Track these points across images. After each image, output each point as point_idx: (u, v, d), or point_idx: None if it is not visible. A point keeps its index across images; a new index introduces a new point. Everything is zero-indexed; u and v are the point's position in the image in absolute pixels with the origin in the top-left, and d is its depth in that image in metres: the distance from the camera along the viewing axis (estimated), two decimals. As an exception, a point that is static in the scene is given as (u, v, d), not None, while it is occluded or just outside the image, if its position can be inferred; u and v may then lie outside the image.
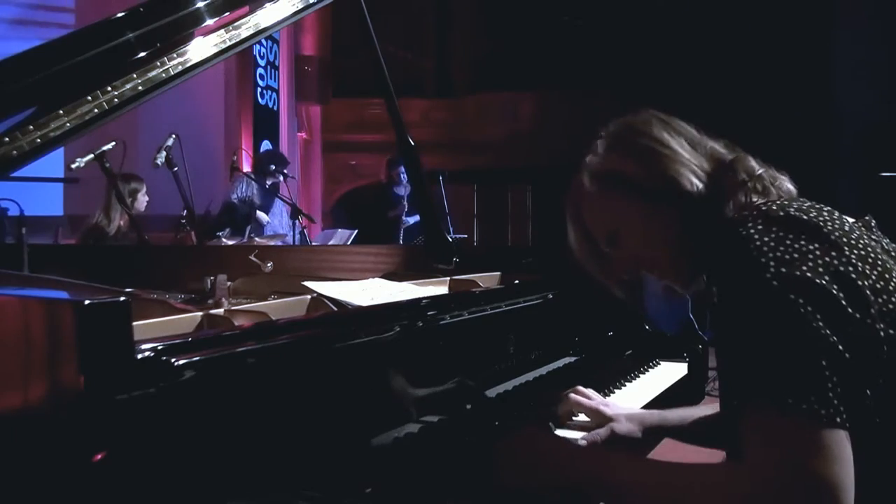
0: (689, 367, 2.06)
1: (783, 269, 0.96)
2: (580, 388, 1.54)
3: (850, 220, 1.12)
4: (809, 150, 8.23)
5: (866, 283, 0.98)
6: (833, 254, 0.99)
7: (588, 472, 1.11)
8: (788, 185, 1.17)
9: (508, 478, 1.15)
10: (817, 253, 0.98)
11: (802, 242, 0.99)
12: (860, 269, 0.99)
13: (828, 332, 0.92)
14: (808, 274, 0.96)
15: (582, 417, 1.51)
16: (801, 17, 9.20)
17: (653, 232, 1.16)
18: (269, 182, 5.47)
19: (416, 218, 6.60)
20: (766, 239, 1.00)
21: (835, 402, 0.90)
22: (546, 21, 10.49)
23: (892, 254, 1.09)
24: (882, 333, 0.97)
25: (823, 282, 0.95)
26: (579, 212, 1.24)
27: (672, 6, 9.68)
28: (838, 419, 0.89)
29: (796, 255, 0.97)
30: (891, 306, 0.99)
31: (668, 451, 1.73)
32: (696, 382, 2.08)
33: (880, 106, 8.41)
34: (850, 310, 0.95)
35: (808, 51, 9.23)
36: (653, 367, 2.04)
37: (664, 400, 1.79)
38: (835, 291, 0.95)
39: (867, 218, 1.15)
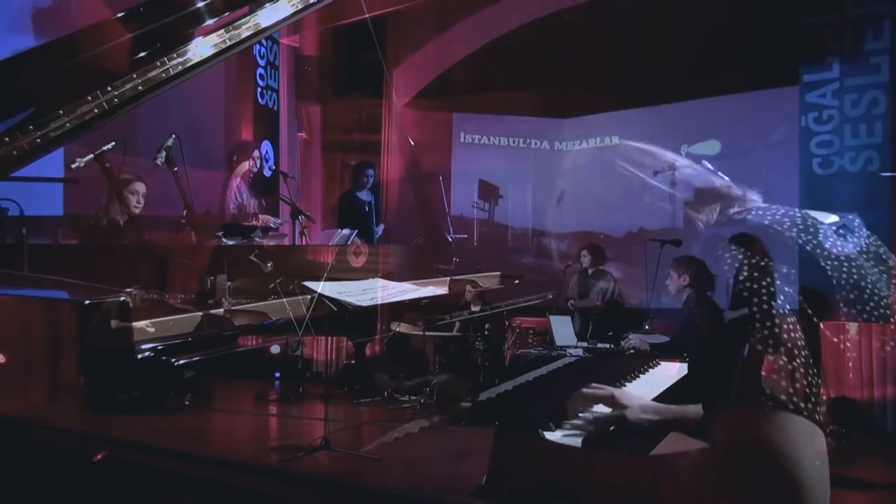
0: (689, 367, 2.06)
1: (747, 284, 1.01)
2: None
3: (830, 219, 1.15)
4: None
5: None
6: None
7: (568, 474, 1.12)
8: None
9: (500, 477, 1.15)
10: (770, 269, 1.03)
11: (756, 259, 1.04)
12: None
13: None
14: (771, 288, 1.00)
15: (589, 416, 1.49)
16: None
17: None
18: (243, 174, 5.49)
19: (382, 227, 6.57)
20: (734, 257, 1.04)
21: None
22: (546, 21, 10.49)
23: (872, 252, 1.11)
24: None
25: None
26: None
27: (671, 5, 9.67)
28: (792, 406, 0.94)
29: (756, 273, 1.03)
30: None
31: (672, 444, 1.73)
32: (697, 382, 2.07)
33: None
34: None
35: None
36: (653, 367, 2.04)
37: (664, 399, 1.78)
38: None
39: (851, 217, 1.18)
